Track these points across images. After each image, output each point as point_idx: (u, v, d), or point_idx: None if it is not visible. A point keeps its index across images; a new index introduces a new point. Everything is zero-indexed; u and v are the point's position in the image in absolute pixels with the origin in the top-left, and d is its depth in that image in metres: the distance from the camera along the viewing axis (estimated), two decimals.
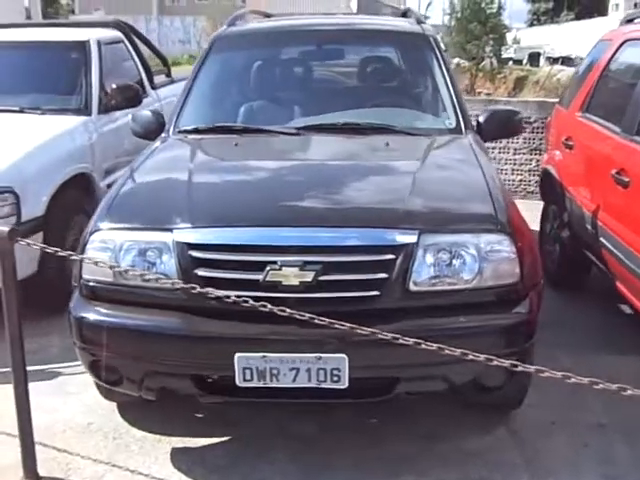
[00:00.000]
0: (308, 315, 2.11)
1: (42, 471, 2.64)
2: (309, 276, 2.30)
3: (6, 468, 2.66)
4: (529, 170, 7.03)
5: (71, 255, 2.51)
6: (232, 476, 2.62)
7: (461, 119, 3.35)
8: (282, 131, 3.24)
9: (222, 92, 3.67)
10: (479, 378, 2.46)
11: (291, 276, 2.31)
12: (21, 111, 4.43)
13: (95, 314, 2.50)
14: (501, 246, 2.44)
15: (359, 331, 2.33)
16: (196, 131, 3.37)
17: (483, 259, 2.41)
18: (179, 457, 2.76)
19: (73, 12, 42.69)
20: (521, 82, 16.93)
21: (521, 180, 7.09)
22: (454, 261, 2.41)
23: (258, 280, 2.33)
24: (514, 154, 7.06)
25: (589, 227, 3.73)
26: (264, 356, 2.32)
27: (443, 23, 21.69)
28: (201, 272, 2.39)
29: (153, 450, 2.81)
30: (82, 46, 4.86)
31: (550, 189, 4.61)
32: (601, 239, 3.57)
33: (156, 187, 2.81)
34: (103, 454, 2.78)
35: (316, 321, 2.16)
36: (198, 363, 2.42)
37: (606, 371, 2.59)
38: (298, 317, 2.32)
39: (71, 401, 3.16)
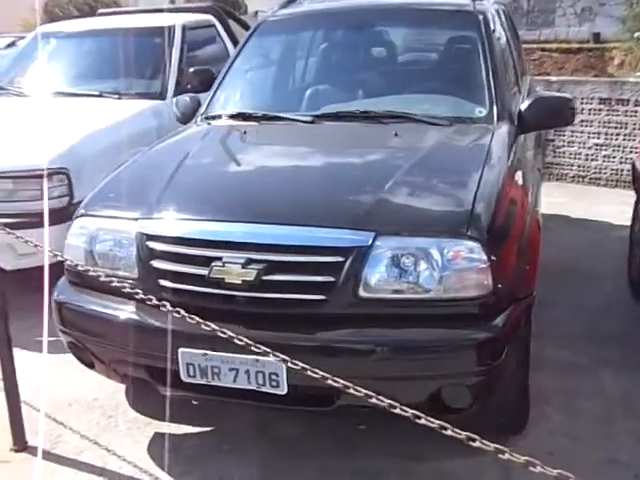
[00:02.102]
0: (229, 334, 1.97)
1: (33, 440, 2.81)
2: (251, 275, 2.21)
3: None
4: None
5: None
6: (194, 469, 2.61)
7: (495, 107, 3.03)
8: (297, 119, 3.13)
9: (252, 78, 3.63)
10: (438, 397, 2.24)
11: (234, 274, 2.23)
12: (100, 95, 4.69)
13: (70, 298, 2.60)
14: (470, 254, 2.17)
15: (297, 336, 2.24)
16: (220, 117, 3.35)
17: (446, 267, 2.17)
18: (157, 442, 2.80)
19: None
20: None
21: None
22: (413, 267, 2.19)
23: (204, 275, 2.27)
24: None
25: None
26: (205, 354, 2.27)
27: None
28: (156, 264, 2.39)
29: (138, 432, 2.88)
30: (166, 31, 5.02)
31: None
32: None
33: (142, 176, 2.84)
34: (92, 430, 2.89)
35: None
36: (148, 354, 2.42)
37: None
38: (241, 315, 2.28)
39: (87, 376, 3.30)
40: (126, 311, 2.43)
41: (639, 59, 10.90)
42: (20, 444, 2.77)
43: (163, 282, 2.37)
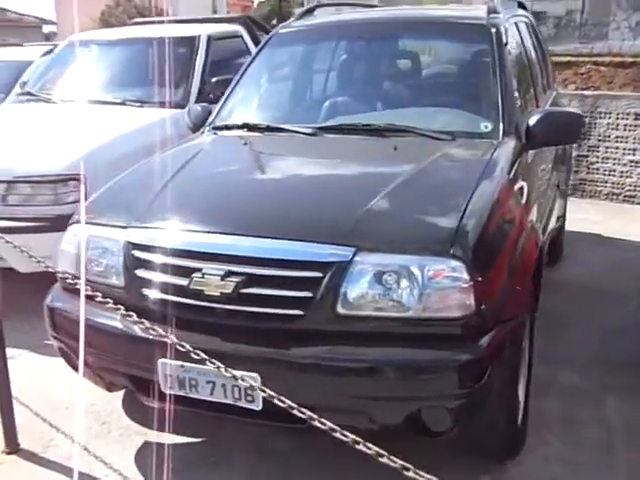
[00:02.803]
0: (187, 347, 1.93)
1: (25, 443, 2.84)
2: (230, 287, 2.18)
3: None
4: None
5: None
6: None
7: (501, 122, 2.95)
8: (298, 131, 3.10)
9: (259, 90, 3.62)
10: (418, 419, 2.17)
11: (213, 285, 2.21)
12: (123, 103, 4.76)
13: (61, 304, 2.62)
14: (452, 273, 2.11)
15: (273, 351, 2.21)
16: (226, 128, 3.35)
17: (426, 286, 2.11)
18: (145, 451, 2.80)
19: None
20: None
21: None
22: (393, 285, 2.13)
23: (184, 286, 2.26)
24: None
25: None
26: (182, 365, 2.25)
27: None
28: (140, 273, 2.39)
29: (128, 440, 2.88)
30: (191, 41, 5.09)
31: None
32: None
33: (137, 185, 2.84)
34: (84, 436, 2.90)
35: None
36: (130, 363, 2.42)
37: None
38: (219, 328, 2.26)
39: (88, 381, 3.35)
40: (111, 320, 2.43)
41: None
42: (12, 446, 2.81)
43: (146, 291, 2.37)
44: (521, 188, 2.74)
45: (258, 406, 2.20)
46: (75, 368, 2.71)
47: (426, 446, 2.55)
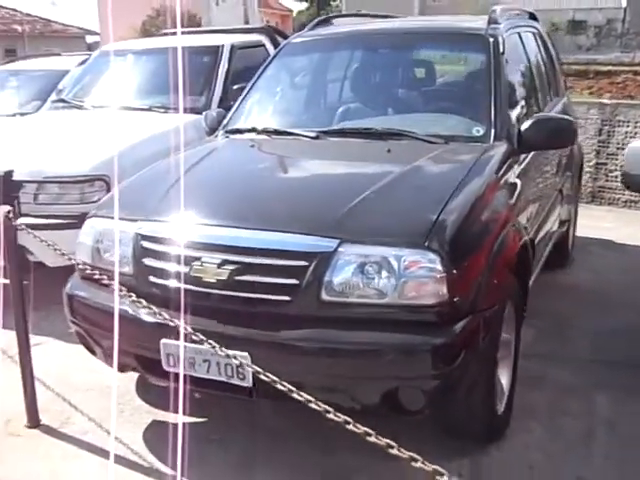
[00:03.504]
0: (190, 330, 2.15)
1: (46, 419, 3.10)
2: (224, 274, 2.40)
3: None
4: None
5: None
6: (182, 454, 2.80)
7: (493, 127, 3.12)
8: (304, 134, 3.31)
9: (269, 96, 3.84)
10: (395, 399, 2.35)
11: (210, 273, 2.43)
12: (148, 109, 5.04)
13: (78, 291, 2.86)
14: (426, 264, 2.29)
15: (263, 333, 2.41)
16: (238, 132, 3.58)
17: (402, 275, 2.29)
18: (153, 429, 3.02)
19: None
20: None
21: None
22: (373, 274, 2.33)
23: (185, 273, 2.48)
24: None
25: None
26: (182, 345, 2.47)
27: None
28: (146, 261, 2.62)
29: (139, 419, 3.11)
30: (214, 50, 5.35)
31: None
32: None
33: (150, 183, 3.08)
34: (99, 414, 3.14)
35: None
36: (137, 344, 2.65)
37: None
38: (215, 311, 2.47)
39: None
40: (121, 305, 2.66)
41: None
42: (33, 421, 3.06)
43: (152, 278, 2.60)
44: (506, 188, 2.90)
45: (249, 383, 2.40)
46: (91, 350, 2.95)
47: (412, 431, 2.73)
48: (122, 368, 2.87)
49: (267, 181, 2.94)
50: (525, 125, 3.14)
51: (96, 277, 2.59)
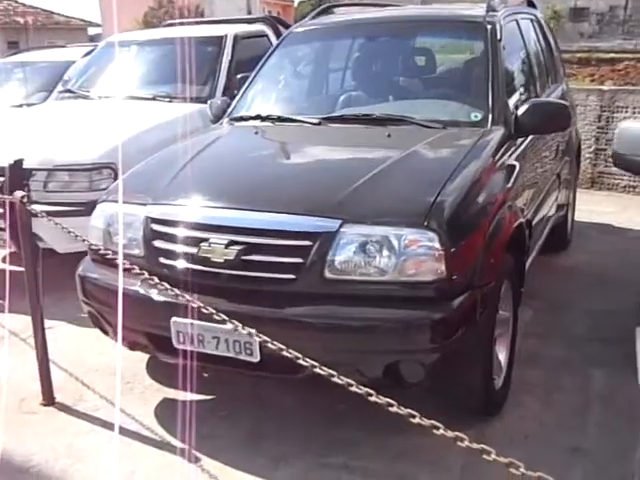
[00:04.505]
0: (198, 304, 2.24)
1: (60, 398, 3.22)
2: (231, 254, 2.51)
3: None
4: None
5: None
6: (190, 429, 2.89)
7: (490, 112, 3.21)
8: (306, 120, 3.41)
9: (273, 85, 3.93)
10: (396, 371, 2.45)
11: (218, 253, 2.54)
12: (153, 99, 5.13)
13: (89, 273, 2.97)
14: (425, 242, 2.39)
15: (269, 310, 2.51)
16: (242, 119, 3.68)
17: (402, 253, 2.39)
18: (163, 405, 3.14)
19: None
20: None
21: None
22: (374, 253, 2.43)
23: (194, 254, 2.59)
24: None
25: None
26: (191, 323, 2.58)
27: None
28: (156, 243, 2.73)
29: (151, 397, 3.23)
30: (218, 41, 5.44)
31: None
32: None
33: (158, 169, 3.17)
34: (110, 392, 3.25)
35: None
36: (148, 322, 2.76)
37: None
38: (223, 290, 2.57)
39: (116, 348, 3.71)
40: (132, 284, 2.77)
41: None
42: (48, 399, 3.18)
43: (162, 260, 2.70)
44: (503, 171, 2.99)
45: (256, 358, 2.51)
46: (102, 329, 3.06)
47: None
48: (133, 346, 2.99)
49: (272, 165, 3.04)
50: (521, 110, 3.23)
51: (108, 257, 2.70)
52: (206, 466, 2.69)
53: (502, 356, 2.97)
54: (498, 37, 3.48)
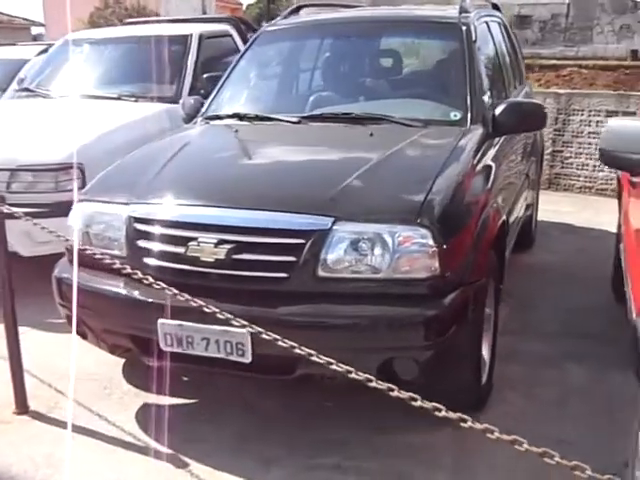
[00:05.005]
0: (199, 303, 2.20)
1: (34, 406, 3.09)
2: (221, 253, 2.46)
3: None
4: None
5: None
6: (171, 433, 2.82)
7: (469, 111, 3.25)
8: (285, 119, 3.38)
9: (248, 83, 3.90)
10: (390, 369, 2.44)
11: (207, 252, 2.49)
12: (118, 98, 5.02)
13: (65, 274, 2.88)
14: (418, 239, 2.39)
15: (262, 310, 2.47)
16: (218, 118, 3.63)
17: (396, 251, 2.39)
18: (144, 411, 3.05)
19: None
20: None
21: None
22: (367, 250, 2.42)
23: (181, 254, 2.53)
24: None
25: None
26: (180, 324, 2.52)
27: None
28: (141, 243, 2.66)
29: (129, 402, 3.13)
30: (183, 40, 5.36)
31: None
32: None
33: (136, 167, 3.10)
34: (87, 399, 3.14)
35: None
36: (132, 325, 2.68)
37: None
38: (213, 290, 2.52)
39: (93, 353, 3.57)
40: (114, 286, 2.69)
41: None
42: (21, 408, 3.06)
43: (147, 260, 2.63)
44: (485, 170, 3.02)
45: (248, 359, 2.46)
46: (81, 334, 2.96)
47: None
48: (113, 350, 2.91)
49: (257, 163, 3.00)
50: (498, 109, 3.28)
51: (88, 258, 2.62)
52: (195, 470, 2.63)
53: (485, 352, 2.99)
54: (473, 38, 3.53)
